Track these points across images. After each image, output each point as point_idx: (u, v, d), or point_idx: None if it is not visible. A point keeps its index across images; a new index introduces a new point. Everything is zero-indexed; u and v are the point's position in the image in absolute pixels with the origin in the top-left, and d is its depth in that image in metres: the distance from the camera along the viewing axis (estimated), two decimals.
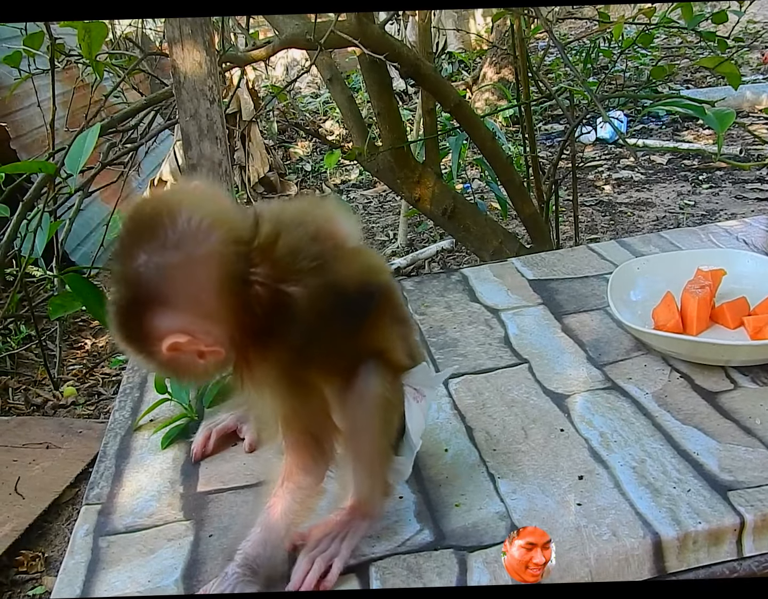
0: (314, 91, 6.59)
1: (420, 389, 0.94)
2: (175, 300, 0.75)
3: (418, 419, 0.93)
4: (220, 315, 0.76)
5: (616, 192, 3.93)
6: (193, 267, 0.75)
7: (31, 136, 3.54)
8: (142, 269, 0.74)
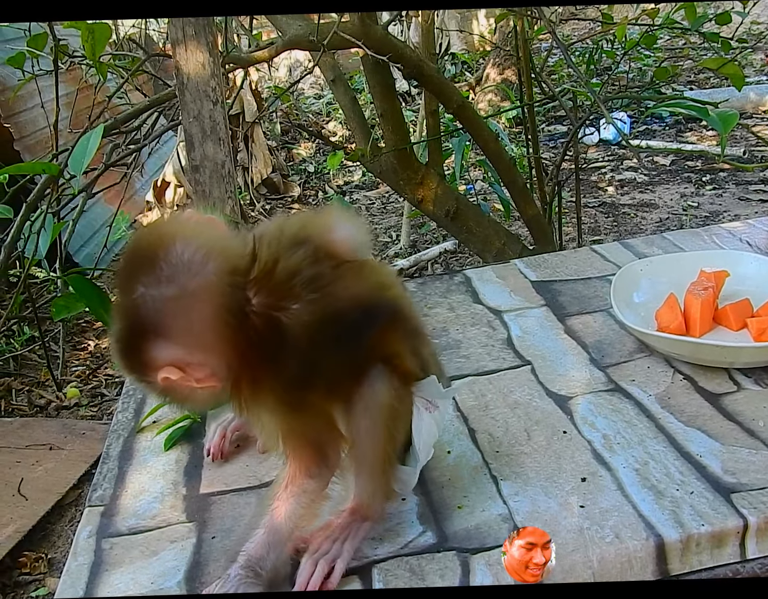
0: (317, 92, 6.60)
1: (433, 401, 0.94)
2: (170, 333, 0.75)
3: (430, 430, 0.93)
4: (215, 347, 0.77)
5: (619, 193, 3.93)
6: (187, 300, 0.75)
7: (34, 137, 3.55)
8: (139, 301, 0.75)
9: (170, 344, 0.75)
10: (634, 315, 1.27)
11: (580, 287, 1.48)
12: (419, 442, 0.92)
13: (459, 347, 1.32)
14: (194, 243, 0.77)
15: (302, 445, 0.86)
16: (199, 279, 0.75)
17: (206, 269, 0.76)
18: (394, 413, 0.87)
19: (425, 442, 0.93)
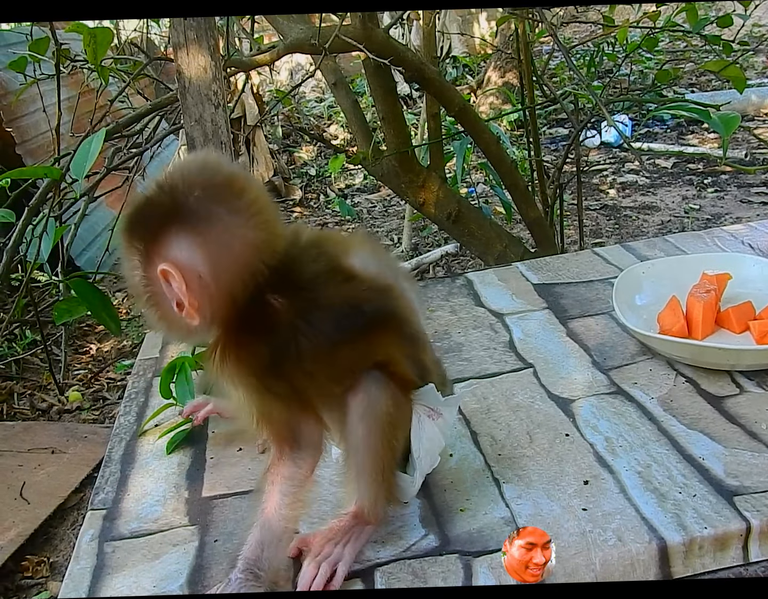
0: (318, 95, 6.60)
1: (436, 408, 0.93)
2: (197, 239, 0.77)
3: (433, 438, 0.93)
4: (218, 288, 0.78)
5: (620, 196, 3.92)
6: (230, 231, 0.77)
7: (36, 141, 3.55)
8: (192, 199, 0.77)
9: (190, 247, 0.76)
10: (637, 318, 1.27)
11: (582, 289, 1.48)
12: (419, 450, 0.91)
13: (461, 350, 1.32)
14: (262, 198, 0.81)
15: (278, 428, 0.85)
16: (250, 228, 0.78)
17: (258, 235, 0.79)
18: (391, 421, 0.87)
19: (427, 449, 0.93)
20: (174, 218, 0.77)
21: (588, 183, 4.01)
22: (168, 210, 0.77)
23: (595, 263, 1.58)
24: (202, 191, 0.77)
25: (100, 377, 2.57)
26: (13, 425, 2.24)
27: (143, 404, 1.28)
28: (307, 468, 0.87)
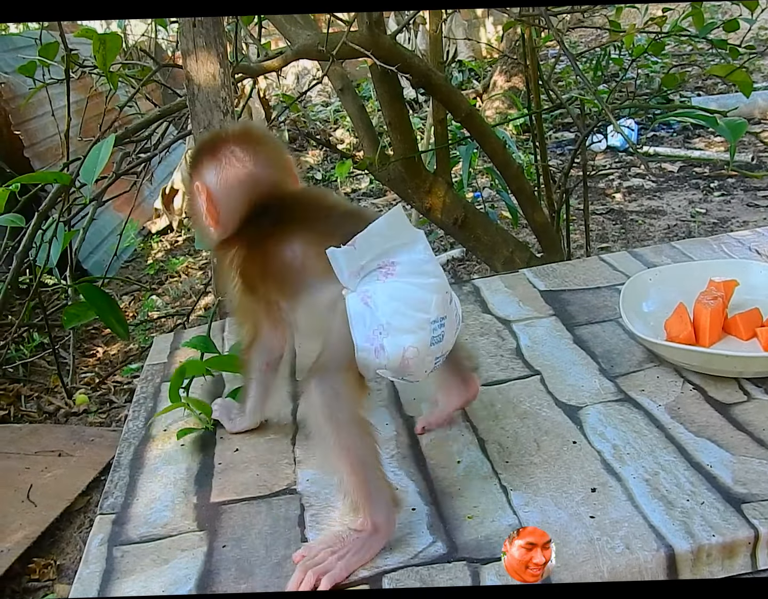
0: (325, 100, 6.61)
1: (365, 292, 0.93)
2: (218, 172, 1.04)
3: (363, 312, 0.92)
4: (233, 210, 1.05)
5: (627, 200, 3.92)
6: (243, 173, 1.04)
7: (44, 145, 3.57)
8: (225, 143, 1.06)
9: (213, 174, 1.05)
10: (644, 325, 1.27)
11: (589, 296, 1.49)
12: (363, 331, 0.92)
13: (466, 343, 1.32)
14: (278, 152, 1.10)
15: (249, 320, 1.09)
16: (261, 169, 1.05)
17: (267, 169, 1.06)
18: (333, 423, 0.89)
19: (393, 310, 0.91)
20: (209, 153, 1.06)
21: (594, 187, 4.01)
22: (208, 148, 1.07)
23: (602, 270, 1.59)
24: (232, 138, 1.06)
25: (107, 381, 2.58)
26: (20, 427, 2.25)
27: (152, 409, 1.29)
28: (268, 361, 1.10)
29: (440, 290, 0.94)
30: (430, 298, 0.92)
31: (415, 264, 0.94)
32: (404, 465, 1.07)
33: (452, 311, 0.97)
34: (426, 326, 0.92)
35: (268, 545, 0.94)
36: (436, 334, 0.93)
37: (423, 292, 0.92)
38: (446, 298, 0.95)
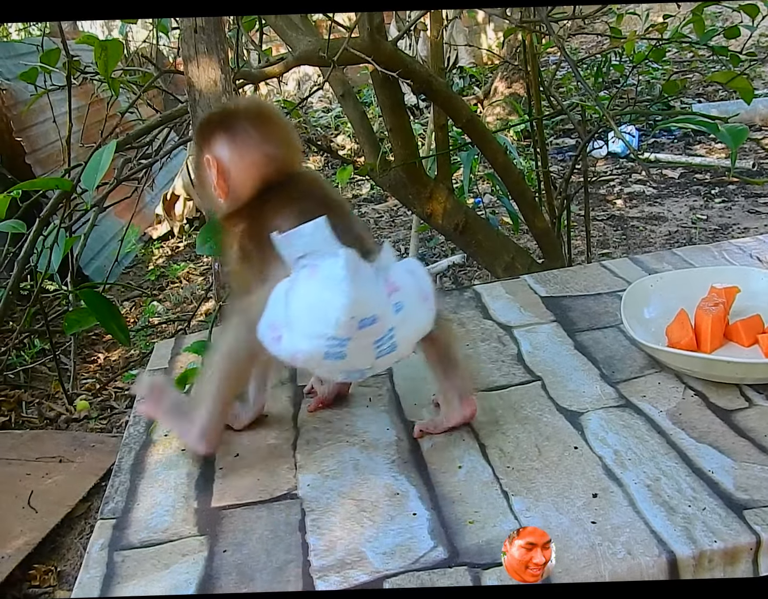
0: (326, 105, 6.62)
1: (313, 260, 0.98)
2: (228, 146, 1.07)
3: (313, 293, 0.96)
4: (240, 183, 1.07)
5: (627, 206, 3.92)
6: (252, 149, 1.07)
7: (45, 151, 3.58)
8: (236, 118, 1.08)
9: (224, 147, 1.07)
10: (645, 331, 1.27)
11: (590, 302, 1.49)
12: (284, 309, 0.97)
13: (469, 363, 1.32)
14: (286, 131, 1.12)
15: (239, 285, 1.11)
16: (269, 146, 1.08)
17: (274, 146, 1.08)
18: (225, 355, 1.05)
19: (305, 306, 0.96)
20: (220, 127, 1.08)
21: (595, 194, 4.02)
22: (219, 121, 1.09)
23: (603, 276, 1.59)
24: (243, 114, 1.09)
25: (108, 387, 2.58)
26: (21, 433, 2.25)
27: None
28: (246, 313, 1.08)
29: (346, 312, 0.93)
30: (333, 315, 0.93)
31: (330, 278, 0.95)
32: (405, 470, 1.06)
33: (372, 336, 0.97)
34: (321, 339, 0.95)
35: (268, 550, 0.94)
36: (334, 351, 0.96)
37: (329, 307, 0.94)
38: (352, 324, 0.94)
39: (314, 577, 0.89)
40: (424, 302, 1.03)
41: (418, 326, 1.03)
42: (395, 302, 0.98)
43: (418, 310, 1.02)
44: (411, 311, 1.00)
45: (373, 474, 1.06)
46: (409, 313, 1.00)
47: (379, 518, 0.98)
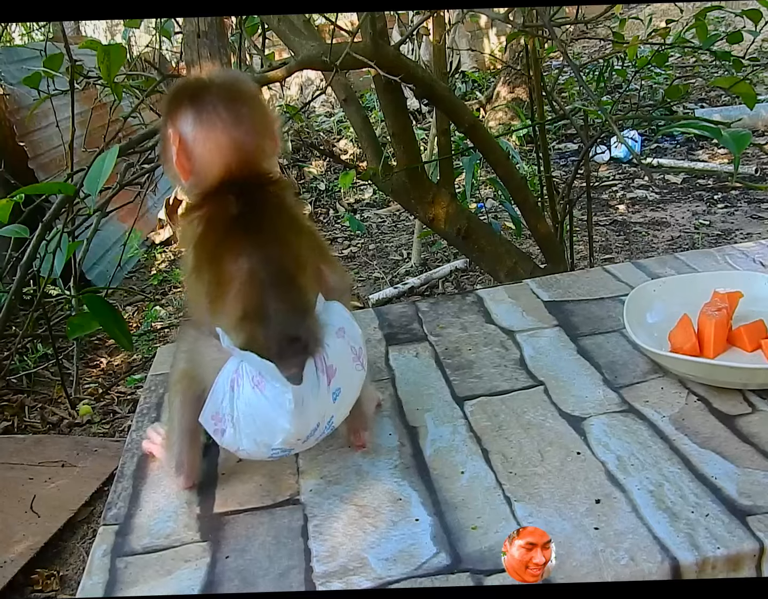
0: (328, 110, 6.63)
1: (260, 375, 0.96)
2: (195, 124, 0.98)
3: (257, 404, 0.96)
4: (199, 161, 0.99)
5: (630, 212, 3.92)
6: (220, 133, 0.97)
7: (48, 156, 3.58)
8: (209, 93, 0.98)
9: (190, 125, 0.98)
10: (648, 336, 1.27)
11: (592, 307, 1.48)
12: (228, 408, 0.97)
13: (471, 368, 1.32)
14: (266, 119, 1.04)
15: (194, 301, 1.04)
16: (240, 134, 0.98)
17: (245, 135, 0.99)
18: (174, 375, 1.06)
19: (244, 413, 0.96)
20: (190, 101, 0.99)
21: (597, 198, 4.02)
22: (190, 94, 0.99)
23: (606, 281, 1.58)
24: (216, 89, 0.99)
25: (111, 391, 2.58)
26: (23, 438, 2.25)
27: (155, 420, 1.28)
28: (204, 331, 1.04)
29: (292, 436, 0.97)
30: (279, 436, 0.97)
31: (277, 404, 0.95)
32: (407, 476, 1.06)
33: (315, 436, 1.00)
34: (266, 447, 0.99)
35: (271, 555, 0.94)
36: (277, 455, 1.01)
37: (274, 426, 0.96)
38: (297, 442, 0.99)
39: (317, 583, 0.89)
40: (356, 364, 1.03)
41: (353, 395, 1.04)
42: (334, 389, 0.99)
43: (352, 379, 1.03)
44: (347, 387, 1.01)
45: (376, 480, 1.06)
46: (346, 391, 1.01)
47: (381, 523, 0.97)
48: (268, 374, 0.95)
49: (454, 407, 1.21)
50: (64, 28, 2.27)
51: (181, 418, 1.05)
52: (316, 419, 0.98)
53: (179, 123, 0.99)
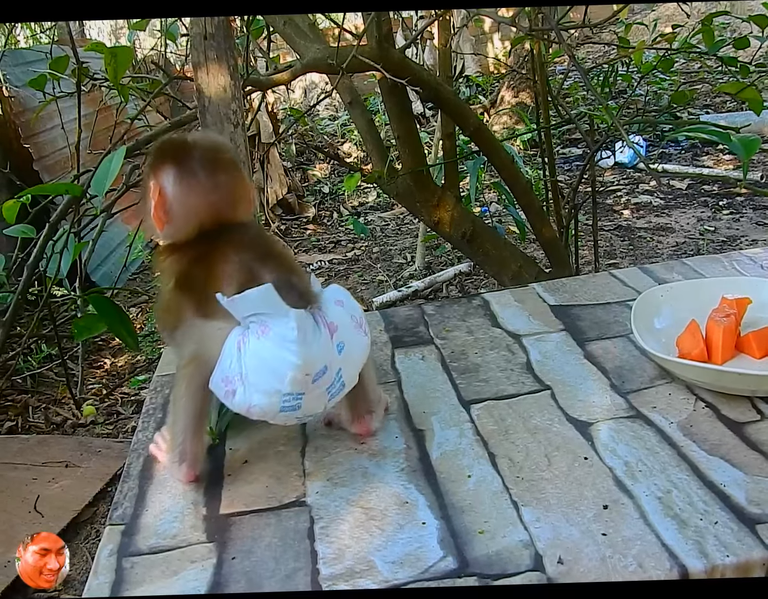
0: (332, 113, 6.64)
1: (261, 323, 0.99)
2: (176, 181, 1.05)
3: (263, 352, 0.98)
4: (178, 222, 1.06)
5: (635, 217, 3.92)
6: (198, 192, 1.05)
7: (53, 158, 3.59)
8: (191, 156, 1.06)
9: (171, 181, 1.05)
10: (655, 341, 1.26)
11: (599, 312, 1.48)
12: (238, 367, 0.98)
13: (478, 371, 1.32)
14: (240, 184, 1.11)
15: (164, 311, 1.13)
16: (216, 195, 1.06)
17: (221, 196, 1.07)
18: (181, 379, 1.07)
19: (254, 366, 0.98)
20: (173, 160, 1.06)
21: (602, 203, 4.02)
22: (174, 152, 1.07)
23: (613, 286, 1.58)
24: (199, 152, 1.07)
25: (115, 392, 2.58)
26: (27, 438, 2.25)
27: (161, 420, 1.28)
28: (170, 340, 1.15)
29: (300, 371, 0.97)
30: (285, 373, 0.97)
31: (282, 338, 0.98)
32: (414, 479, 1.06)
33: (324, 384, 1.01)
34: (277, 395, 0.98)
35: (277, 557, 0.94)
36: (289, 405, 1.00)
37: (282, 365, 0.97)
38: (306, 380, 0.98)
39: (323, 586, 0.89)
40: (359, 330, 1.07)
41: (359, 355, 1.07)
42: (337, 342, 1.02)
43: (356, 341, 1.06)
44: (351, 345, 1.04)
45: (382, 483, 1.06)
46: (350, 347, 1.04)
47: (388, 526, 0.97)
48: (266, 302, 0.98)
49: (461, 411, 1.21)
50: (70, 31, 2.28)
51: (186, 405, 1.07)
52: (323, 360, 0.99)
53: (160, 179, 1.05)
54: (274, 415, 1.01)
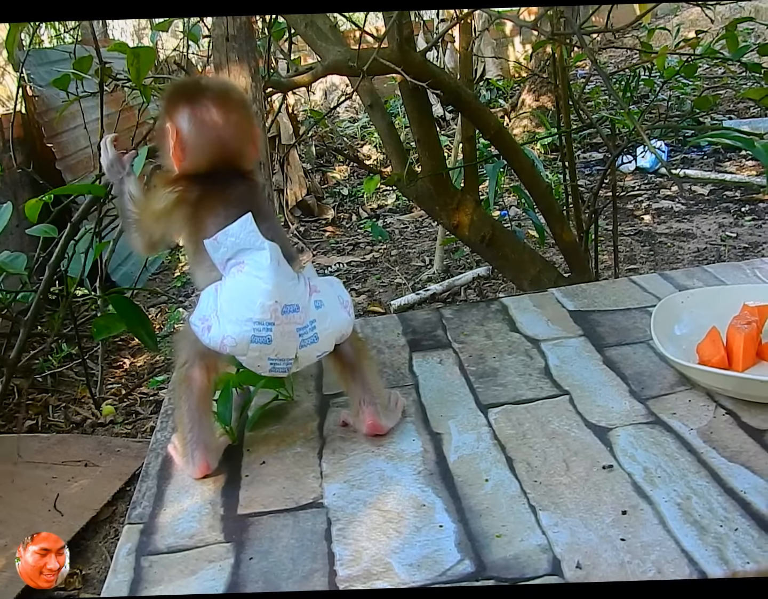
0: (352, 115, 6.65)
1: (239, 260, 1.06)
2: (191, 121, 1.10)
3: (238, 286, 1.05)
4: (193, 159, 1.11)
5: (656, 222, 3.89)
6: (213, 132, 1.10)
7: (75, 157, 3.62)
8: (207, 96, 1.11)
9: (187, 120, 1.10)
10: (675, 348, 1.26)
11: (619, 317, 1.47)
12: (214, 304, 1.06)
13: (496, 376, 1.32)
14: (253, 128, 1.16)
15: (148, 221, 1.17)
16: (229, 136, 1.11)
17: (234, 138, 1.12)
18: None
19: (230, 298, 1.05)
20: (189, 100, 1.11)
21: (623, 208, 3.99)
22: (188, 95, 1.12)
23: (632, 292, 1.57)
24: (212, 94, 1.11)
25: (134, 392, 2.59)
26: (47, 437, 2.27)
27: None
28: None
29: (270, 297, 1.04)
30: (257, 300, 1.04)
31: (256, 266, 1.05)
32: (431, 482, 1.06)
33: (295, 323, 1.06)
34: (248, 324, 1.04)
35: (294, 558, 0.94)
36: (260, 335, 1.05)
37: (253, 293, 1.04)
38: (276, 308, 1.04)
39: (340, 587, 0.89)
40: (343, 308, 1.13)
41: (337, 324, 1.12)
42: (315, 300, 1.09)
43: (337, 311, 1.12)
44: (330, 310, 1.10)
45: (399, 485, 1.06)
46: (329, 311, 1.10)
47: (405, 529, 0.97)
48: (245, 230, 1.06)
49: (478, 415, 1.21)
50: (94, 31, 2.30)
51: (188, 403, 1.11)
52: (294, 298, 1.06)
53: (176, 119, 1.11)
54: (246, 347, 1.05)
